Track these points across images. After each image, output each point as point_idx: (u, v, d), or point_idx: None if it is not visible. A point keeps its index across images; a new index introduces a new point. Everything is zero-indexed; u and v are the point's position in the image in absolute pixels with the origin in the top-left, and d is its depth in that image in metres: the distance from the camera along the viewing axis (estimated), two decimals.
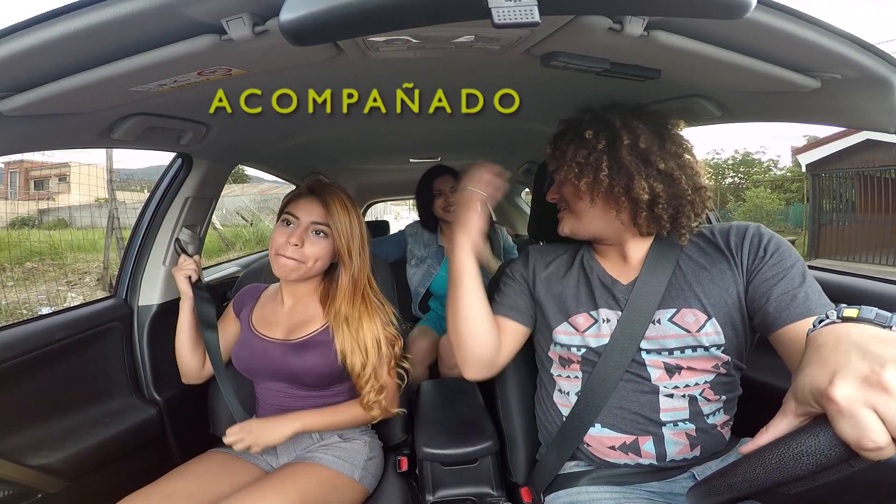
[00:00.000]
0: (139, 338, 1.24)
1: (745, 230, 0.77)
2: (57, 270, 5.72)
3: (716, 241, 0.79)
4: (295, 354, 0.96)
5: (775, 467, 0.41)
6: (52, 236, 6.39)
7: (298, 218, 0.94)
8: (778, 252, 0.73)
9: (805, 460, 0.39)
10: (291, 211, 0.95)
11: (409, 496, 0.99)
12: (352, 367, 0.93)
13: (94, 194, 6.27)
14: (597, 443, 0.79)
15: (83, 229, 7.98)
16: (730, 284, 0.74)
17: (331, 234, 0.95)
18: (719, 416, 0.77)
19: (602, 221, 0.80)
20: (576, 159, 0.78)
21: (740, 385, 0.81)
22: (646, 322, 0.76)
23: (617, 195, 0.76)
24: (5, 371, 0.92)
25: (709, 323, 0.74)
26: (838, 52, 0.65)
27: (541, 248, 0.95)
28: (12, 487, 0.89)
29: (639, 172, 0.75)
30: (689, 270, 0.78)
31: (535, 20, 0.44)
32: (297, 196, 0.97)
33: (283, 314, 1.02)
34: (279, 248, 0.93)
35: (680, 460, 0.76)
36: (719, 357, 0.74)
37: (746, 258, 0.74)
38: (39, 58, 0.57)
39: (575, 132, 0.81)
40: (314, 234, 0.95)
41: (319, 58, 0.70)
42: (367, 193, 3.69)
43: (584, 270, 0.86)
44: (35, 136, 0.78)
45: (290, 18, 0.45)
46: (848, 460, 0.38)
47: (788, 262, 0.71)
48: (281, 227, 0.95)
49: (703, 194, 0.78)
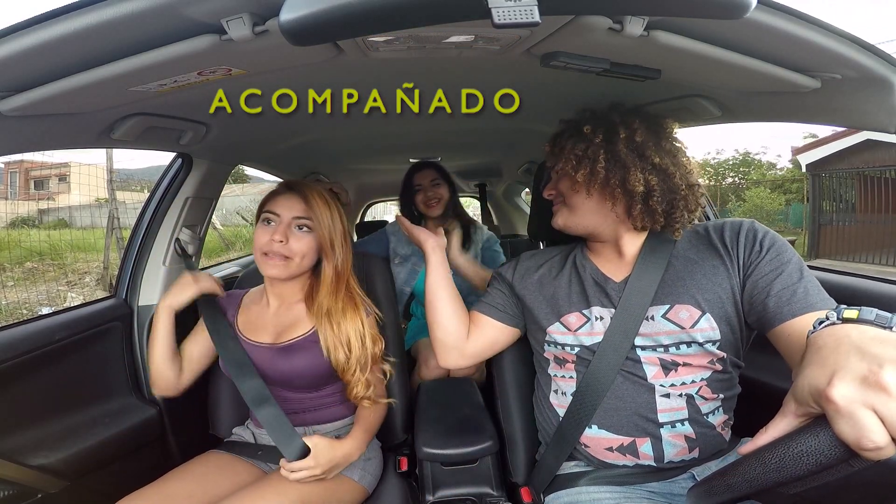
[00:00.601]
0: (139, 338, 1.24)
1: (740, 226, 0.77)
2: (57, 270, 5.71)
3: (709, 238, 0.79)
4: (283, 358, 0.94)
5: (775, 467, 0.41)
6: (52, 236, 6.38)
7: (279, 215, 0.93)
8: (774, 247, 0.73)
9: (805, 460, 0.39)
10: (271, 209, 0.93)
11: (409, 496, 0.99)
12: (336, 362, 0.92)
13: (95, 194, 6.27)
14: (595, 444, 0.79)
15: (83, 229, 7.97)
16: (723, 280, 0.74)
17: (314, 227, 0.94)
18: (718, 416, 0.77)
19: (597, 214, 0.81)
20: (574, 152, 0.80)
21: (740, 385, 0.81)
22: (639, 319, 0.76)
23: (613, 187, 0.77)
24: (5, 371, 0.92)
25: (703, 318, 0.74)
26: (838, 52, 0.65)
27: (533, 253, 0.97)
28: (12, 487, 0.89)
29: (635, 165, 0.76)
30: (682, 266, 0.78)
31: (535, 20, 0.44)
32: (275, 194, 0.96)
33: (269, 317, 1.00)
34: (264, 246, 0.92)
35: (679, 462, 0.76)
36: (714, 353, 0.74)
37: (742, 253, 0.74)
38: (39, 58, 0.57)
39: (574, 129, 0.82)
40: (297, 230, 0.93)
41: (319, 58, 0.70)
42: (367, 193, 3.69)
43: (577, 269, 0.87)
44: (35, 136, 0.78)
45: (291, 18, 0.45)
46: (847, 460, 0.38)
47: (786, 257, 0.71)
48: (262, 227, 0.94)
49: (696, 191, 0.79)
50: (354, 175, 2.68)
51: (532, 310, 0.88)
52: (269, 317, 1.00)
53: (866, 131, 2.46)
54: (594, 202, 0.81)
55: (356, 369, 0.93)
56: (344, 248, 0.97)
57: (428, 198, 1.65)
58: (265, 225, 0.94)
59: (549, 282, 0.88)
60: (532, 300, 0.88)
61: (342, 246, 0.96)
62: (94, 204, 8.29)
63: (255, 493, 0.83)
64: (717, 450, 0.78)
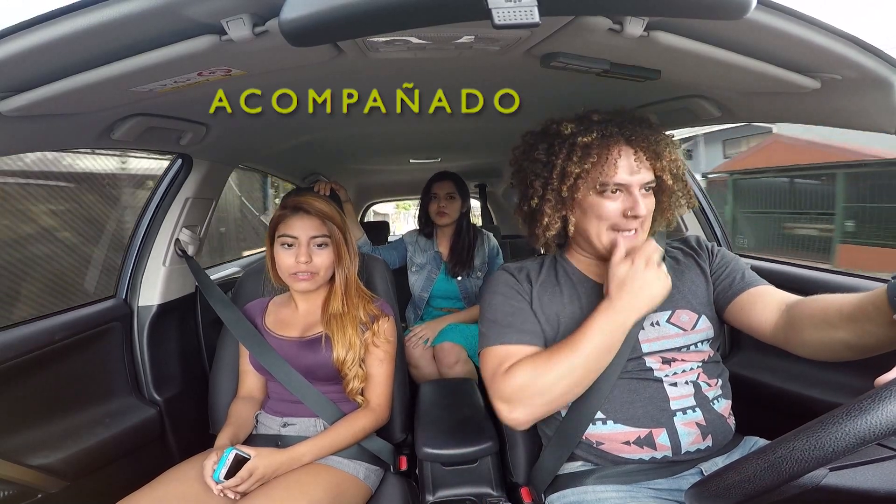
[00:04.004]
0: (139, 338, 1.24)
1: (697, 238, 0.92)
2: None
3: (684, 248, 0.90)
4: (308, 349, 1.00)
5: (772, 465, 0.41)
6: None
7: (297, 237, 0.98)
8: (720, 251, 0.89)
9: (798, 464, 0.38)
10: (287, 233, 0.98)
11: (409, 496, 0.99)
12: (337, 358, 0.97)
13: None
14: (611, 440, 0.79)
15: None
16: (703, 282, 0.85)
17: (330, 242, 1.00)
18: (723, 403, 0.80)
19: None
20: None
21: (740, 386, 0.83)
22: (638, 325, 0.78)
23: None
24: (5, 371, 0.91)
25: (701, 320, 0.81)
26: (838, 52, 0.65)
27: (515, 265, 0.91)
28: (12, 487, 0.89)
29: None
30: (673, 274, 0.82)
31: (535, 21, 0.44)
32: (287, 217, 1.00)
33: (299, 317, 1.07)
34: (291, 268, 0.98)
35: (694, 451, 0.77)
36: (708, 351, 0.82)
37: (706, 258, 0.88)
38: (39, 58, 0.57)
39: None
40: (317, 248, 1.00)
41: (319, 58, 0.70)
42: (367, 193, 3.69)
43: (571, 280, 0.87)
44: (35, 136, 0.78)
45: (291, 19, 0.45)
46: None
47: (730, 256, 0.88)
48: (282, 250, 0.99)
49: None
50: (354, 175, 2.68)
51: (541, 326, 0.83)
52: (300, 317, 1.08)
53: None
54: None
55: (353, 363, 0.98)
56: (352, 255, 1.05)
57: (440, 208, 1.79)
58: (285, 248, 0.99)
59: (549, 299, 0.85)
60: (540, 316, 0.84)
61: (350, 254, 1.04)
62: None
63: (262, 493, 0.83)
64: (726, 440, 0.80)
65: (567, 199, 0.79)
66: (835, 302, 0.67)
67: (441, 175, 1.84)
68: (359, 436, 0.97)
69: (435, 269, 1.84)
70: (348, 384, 0.98)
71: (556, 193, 0.79)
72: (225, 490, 0.83)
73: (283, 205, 1.03)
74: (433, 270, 1.84)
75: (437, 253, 1.85)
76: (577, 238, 0.86)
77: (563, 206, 0.81)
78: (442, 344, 1.61)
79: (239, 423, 1.00)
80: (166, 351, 1.29)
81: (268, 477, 0.87)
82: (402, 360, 1.19)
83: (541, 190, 0.81)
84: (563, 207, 0.81)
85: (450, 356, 1.56)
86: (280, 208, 1.02)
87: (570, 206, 0.81)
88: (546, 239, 0.85)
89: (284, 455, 0.89)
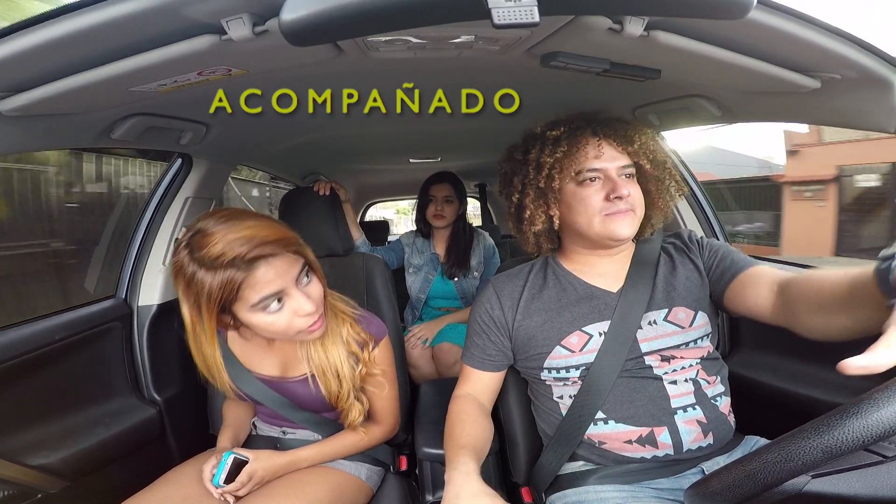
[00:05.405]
0: (139, 338, 1.24)
1: (690, 233, 0.91)
2: None
3: (676, 243, 0.89)
4: (296, 388, 0.91)
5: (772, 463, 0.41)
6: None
7: (283, 289, 0.75)
8: (708, 242, 0.88)
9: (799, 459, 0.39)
10: (266, 293, 0.73)
11: (409, 496, 0.99)
12: (328, 391, 0.88)
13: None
14: (612, 439, 0.79)
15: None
16: (697, 277, 0.84)
17: (313, 272, 0.82)
18: (723, 401, 0.80)
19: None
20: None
21: (740, 385, 0.82)
22: (635, 325, 0.79)
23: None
24: (5, 371, 0.91)
25: (698, 316, 0.81)
26: (838, 52, 0.65)
27: (504, 276, 0.92)
28: (12, 487, 0.89)
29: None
30: (668, 271, 0.85)
31: (535, 20, 0.44)
32: (250, 275, 0.71)
33: (273, 354, 0.93)
34: (297, 327, 0.78)
35: (696, 449, 0.77)
36: (707, 346, 0.82)
37: (697, 252, 0.87)
38: (39, 58, 0.57)
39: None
40: (306, 284, 0.80)
41: (319, 58, 0.70)
42: (367, 193, 3.69)
43: (561, 284, 0.87)
44: (35, 136, 0.78)
45: (291, 19, 0.45)
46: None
47: (717, 244, 0.87)
48: (269, 314, 0.76)
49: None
50: (354, 175, 2.68)
51: (529, 339, 0.84)
52: (274, 353, 0.93)
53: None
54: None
55: (348, 394, 0.89)
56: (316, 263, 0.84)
57: (437, 211, 1.80)
58: (273, 311, 0.76)
59: (537, 306, 0.85)
60: (527, 328, 0.84)
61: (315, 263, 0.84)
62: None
63: (263, 493, 0.83)
64: (726, 437, 0.80)
65: (546, 191, 0.80)
66: (825, 285, 0.63)
67: (438, 177, 1.83)
68: (365, 448, 0.95)
69: (432, 270, 1.85)
70: (346, 416, 0.90)
71: (534, 186, 0.81)
72: (225, 494, 0.83)
73: (230, 263, 0.69)
74: (430, 272, 1.85)
75: (433, 254, 1.86)
76: (569, 235, 0.86)
77: (544, 198, 0.81)
78: (441, 344, 1.61)
79: (237, 423, 0.99)
80: (166, 351, 1.28)
81: (267, 480, 0.86)
82: (402, 360, 1.19)
83: (520, 185, 0.83)
84: (544, 201, 0.81)
85: (449, 356, 1.56)
86: (227, 267, 0.69)
87: (551, 200, 0.81)
88: (534, 237, 0.85)
89: (285, 458, 0.88)
